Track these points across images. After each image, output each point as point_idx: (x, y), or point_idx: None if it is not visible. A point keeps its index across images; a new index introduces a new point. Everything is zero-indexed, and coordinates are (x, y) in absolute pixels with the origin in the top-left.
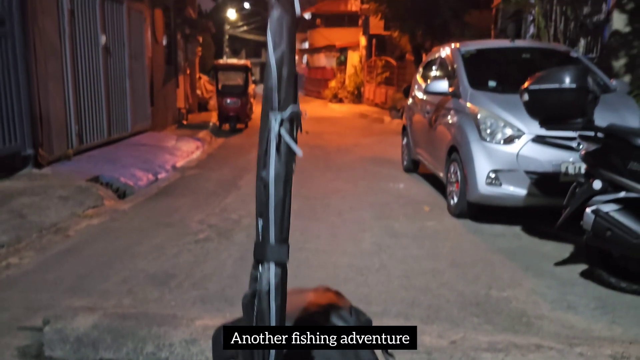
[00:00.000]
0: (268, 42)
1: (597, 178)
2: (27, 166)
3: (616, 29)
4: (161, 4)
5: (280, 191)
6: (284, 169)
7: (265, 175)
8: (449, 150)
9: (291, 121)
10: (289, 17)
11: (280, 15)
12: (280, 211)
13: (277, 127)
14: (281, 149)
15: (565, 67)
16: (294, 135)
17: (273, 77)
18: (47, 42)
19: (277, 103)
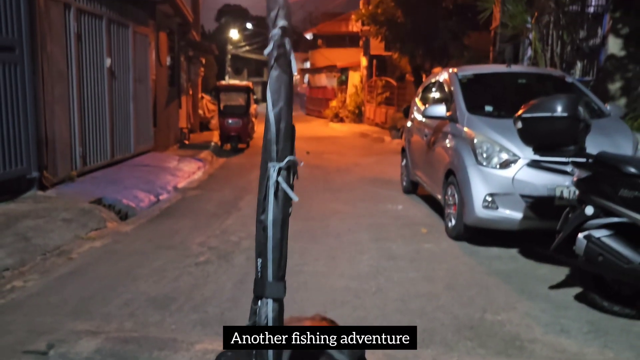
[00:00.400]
0: (267, 99)
1: (589, 204)
2: (32, 188)
3: (612, 53)
4: (166, 28)
5: (278, 233)
6: (281, 213)
7: (264, 218)
8: (447, 173)
9: (288, 170)
10: (287, 77)
11: (279, 75)
12: (278, 251)
13: (275, 176)
14: (279, 195)
15: (557, 96)
16: (290, 182)
17: (272, 130)
18: (54, 67)
19: (275, 154)
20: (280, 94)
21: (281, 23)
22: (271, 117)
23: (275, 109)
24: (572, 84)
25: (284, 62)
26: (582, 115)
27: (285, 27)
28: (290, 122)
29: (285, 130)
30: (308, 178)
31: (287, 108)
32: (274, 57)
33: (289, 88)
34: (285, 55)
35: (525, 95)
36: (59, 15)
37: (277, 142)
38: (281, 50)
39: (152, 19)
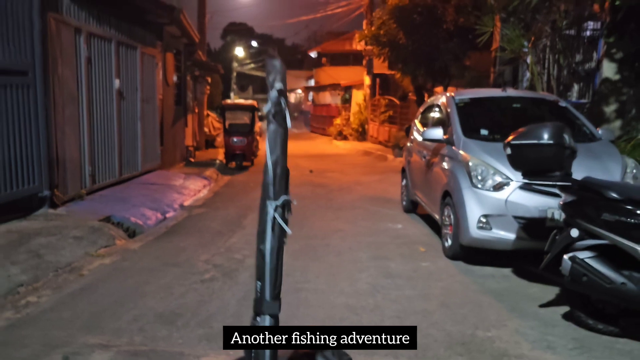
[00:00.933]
0: (266, 147)
1: (574, 227)
2: (44, 206)
3: (606, 77)
4: (173, 48)
5: (275, 260)
6: (277, 243)
7: (263, 248)
8: (444, 194)
9: (283, 207)
10: (282, 130)
11: (276, 128)
12: (274, 275)
13: (272, 212)
14: (275, 228)
15: (544, 124)
16: (285, 217)
17: (269, 174)
18: (65, 90)
19: (272, 194)
20: (276, 144)
21: (278, 86)
22: (269, 163)
23: (272, 156)
24: (565, 107)
25: (280, 118)
26: (567, 142)
27: (282, 89)
28: (285, 166)
29: (281, 174)
30: (311, 197)
31: (283, 155)
32: (272, 114)
33: (284, 138)
34: (281, 112)
35: (520, 119)
36: (70, 39)
37: (274, 184)
38: (278, 108)
39: (160, 40)
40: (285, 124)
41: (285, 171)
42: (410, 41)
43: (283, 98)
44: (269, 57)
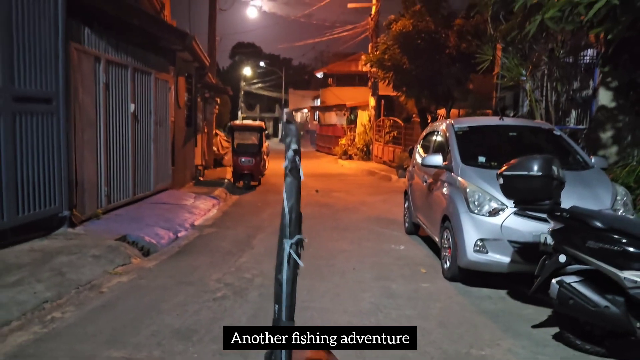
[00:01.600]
0: (284, 196)
1: (562, 252)
2: (63, 226)
3: (602, 104)
4: (184, 72)
5: (289, 288)
6: (292, 274)
7: (280, 277)
8: (443, 218)
9: (297, 244)
10: (297, 182)
11: (292, 181)
12: (290, 300)
13: (288, 249)
14: (290, 262)
15: (534, 156)
16: (299, 252)
17: (286, 218)
18: (85, 115)
19: (288, 234)
20: (292, 193)
21: (294, 147)
22: (286, 208)
23: (289, 203)
24: (559, 136)
25: (295, 172)
26: (555, 174)
27: (297, 149)
28: (298, 211)
29: (296, 218)
30: (317, 217)
31: (297, 202)
32: (289, 169)
33: (299, 189)
34: (296, 168)
35: (517, 147)
36: (90, 67)
37: (290, 226)
38: (294, 164)
39: (173, 65)
40: (299, 177)
41: (298, 215)
42: (413, 66)
43: (298, 156)
44: (287, 122)
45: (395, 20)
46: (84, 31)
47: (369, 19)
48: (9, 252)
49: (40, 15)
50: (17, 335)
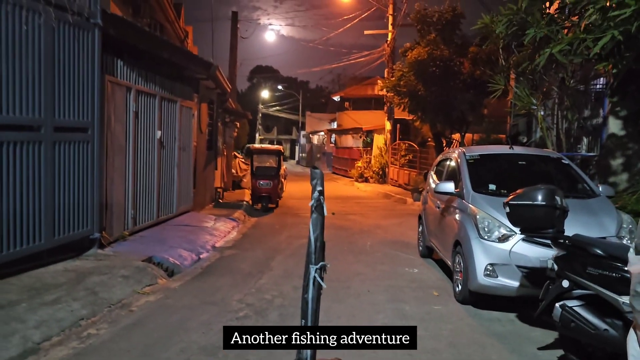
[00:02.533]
0: (310, 228)
1: (564, 278)
2: (93, 247)
3: (612, 132)
4: (207, 99)
5: (314, 306)
6: (316, 294)
7: (306, 297)
8: (455, 243)
9: (321, 269)
10: (321, 218)
11: (317, 216)
12: (314, 316)
13: (313, 273)
14: (315, 284)
15: (538, 187)
16: (322, 275)
17: (312, 246)
18: (116, 142)
19: (314, 260)
20: (317, 227)
21: (319, 188)
22: (312, 239)
23: (314, 234)
24: (567, 164)
25: (320, 209)
26: (558, 204)
27: (322, 190)
28: (322, 241)
29: (320, 246)
30: (333, 239)
31: (321, 234)
32: (315, 207)
33: (322, 223)
34: (320, 205)
35: (526, 175)
36: (122, 97)
37: (315, 253)
38: (319, 202)
39: (196, 93)
40: (323, 213)
41: (322, 244)
42: (428, 92)
43: (322, 196)
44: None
45: (411, 48)
46: (117, 64)
47: (385, 45)
48: (45, 272)
49: (79, 51)
50: (57, 349)
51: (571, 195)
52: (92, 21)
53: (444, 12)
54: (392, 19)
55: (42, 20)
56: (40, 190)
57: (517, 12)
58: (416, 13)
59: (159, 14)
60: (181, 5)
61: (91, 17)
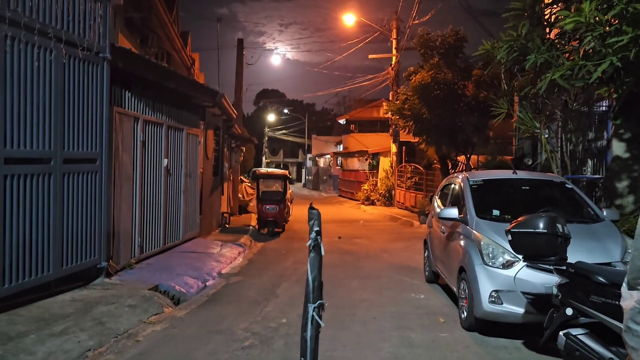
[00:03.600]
0: (308, 268)
1: (568, 306)
2: (101, 276)
3: (617, 155)
4: (213, 125)
5: (313, 343)
6: (315, 332)
7: (305, 335)
8: (460, 269)
9: (319, 307)
10: (319, 257)
11: (314, 256)
12: (313, 354)
13: (311, 312)
14: (313, 322)
15: (539, 215)
16: (320, 313)
17: (310, 286)
18: (123, 171)
19: (311, 299)
20: (315, 266)
21: (316, 228)
22: (310, 279)
23: (312, 274)
24: (571, 189)
25: (317, 249)
26: (560, 231)
27: (319, 230)
28: (320, 280)
29: (318, 286)
30: (339, 265)
31: (319, 274)
32: (312, 247)
33: (320, 262)
34: (318, 246)
35: (530, 200)
36: (129, 127)
37: (313, 292)
38: (316, 242)
39: (202, 120)
40: (320, 252)
41: (319, 284)
42: (433, 115)
43: (319, 236)
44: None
45: (415, 72)
46: (125, 95)
47: (390, 68)
48: (53, 302)
49: (88, 84)
50: None
51: (575, 220)
52: (102, 55)
53: (446, 36)
54: (395, 43)
55: (52, 56)
56: (49, 221)
57: (517, 39)
58: (419, 37)
59: (166, 44)
60: (188, 34)
61: (100, 52)
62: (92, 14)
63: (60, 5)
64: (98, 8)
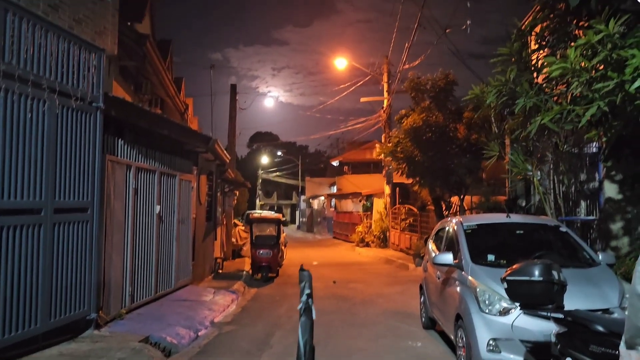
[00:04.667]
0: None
1: (567, 356)
2: (90, 328)
3: (609, 196)
4: (206, 170)
5: None
6: None
7: None
8: (456, 316)
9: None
10: (310, 322)
11: (305, 320)
12: None
13: None
14: None
15: (534, 262)
16: None
17: (301, 350)
18: (115, 219)
19: None
20: (306, 331)
21: (307, 291)
22: (301, 344)
23: (303, 339)
24: (565, 232)
25: (308, 312)
26: (556, 279)
27: (310, 293)
28: (311, 344)
29: (310, 350)
30: (334, 311)
31: (310, 338)
32: (303, 309)
33: (312, 326)
34: (309, 309)
35: (524, 244)
36: (122, 175)
37: (304, 356)
38: (307, 305)
39: (195, 165)
40: (312, 316)
41: (311, 349)
42: (425, 157)
43: (310, 299)
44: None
45: (406, 115)
46: (117, 143)
47: (382, 111)
48: (41, 357)
49: (81, 133)
50: None
51: (571, 265)
52: (95, 105)
53: (437, 79)
54: (387, 86)
55: (46, 107)
56: (38, 273)
57: (505, 83)
58: (410, 81)
59: (160, 90)
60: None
61: (94, 101)
62: (86, 65)
63: (54, 56)
64: (92, 59)
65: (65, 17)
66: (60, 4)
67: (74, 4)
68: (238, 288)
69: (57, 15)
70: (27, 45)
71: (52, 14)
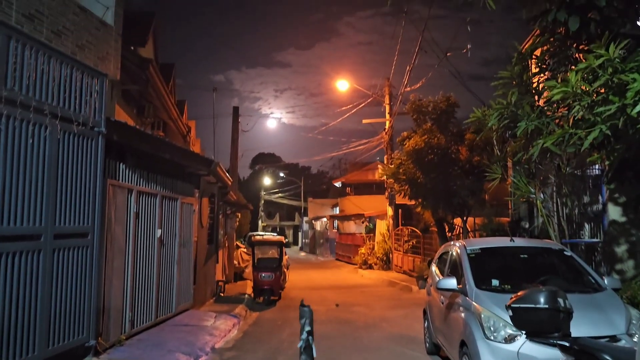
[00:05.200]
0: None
1: None
2: (88, 355)
3: (613, 219)
4: (208, 193)
5: None
6: None
7: None
8: (461, 343)
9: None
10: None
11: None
12: None
13: None
14: None
15: (539, 289)
16: None
17: None
18: (116, 244)
19: None
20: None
21: (307, 328)
22: None
23: None
24: (570, 256)
25: (309, 351)
26: (562, 306)
27: (310, 330)
28: None
29: None
30: (337, 336)
31: None
32: (303, 348)
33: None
34: (309, 347)
35: (528, 269)
36: (123, 199)
37: None
38: (307, 343)
39: (197, 188)
40: (312, 355)
41: None
42: (428, 179)
43: (311, 337)
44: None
45: (408, 137)
46: (119, 167)
47: (384, 132)
48: None
49: (82, 158)
50: None
51: (576, 290)
52: (97, 129)
53: (438, 101)
54: (388, 108)
55: (47, 132)
56: (36, 299)
57: (507, 106)
58: (411, 104)
59: (162, 113)
60: (184, 102)
61: (96, 126)
62: (88, 90)
63: (57, 82)
64: (95, 84)
65: (68, 43)
66: (64, 30)
67: (77, 30)
68: (240, 312)
69: (60, 42)
70: (29, 71)
71: (55, 40)
